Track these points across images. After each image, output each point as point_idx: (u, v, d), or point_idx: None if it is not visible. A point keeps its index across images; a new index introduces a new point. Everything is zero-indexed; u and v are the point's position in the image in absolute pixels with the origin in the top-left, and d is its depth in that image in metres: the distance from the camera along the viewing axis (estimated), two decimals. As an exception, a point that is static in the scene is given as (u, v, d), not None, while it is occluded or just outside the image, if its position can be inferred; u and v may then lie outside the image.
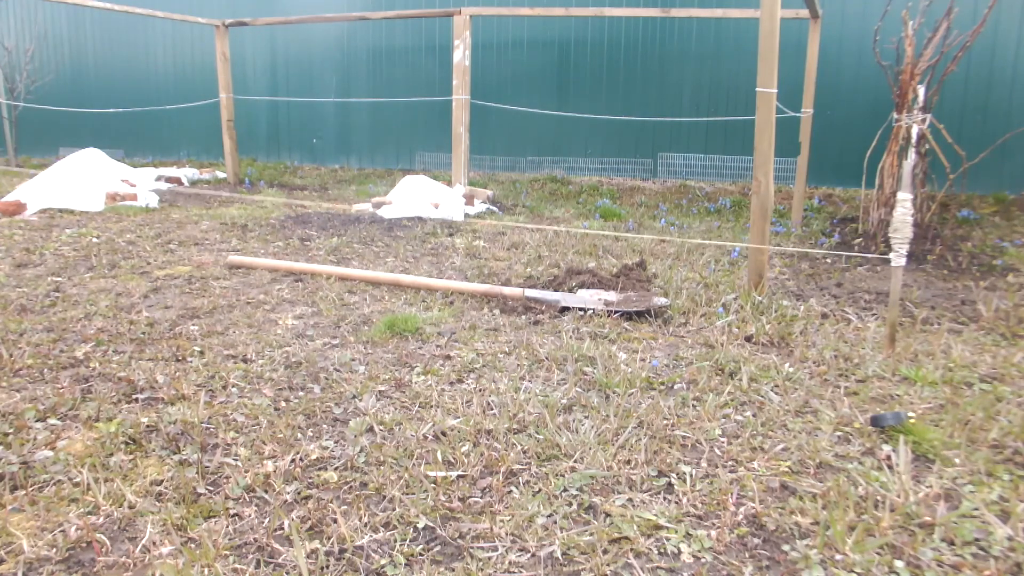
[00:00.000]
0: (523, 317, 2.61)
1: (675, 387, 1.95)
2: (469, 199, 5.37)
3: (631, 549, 1.22)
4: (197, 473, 1.45)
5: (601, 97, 7.07)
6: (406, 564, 1.19)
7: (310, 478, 1.45)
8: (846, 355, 2.20)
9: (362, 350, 2.24)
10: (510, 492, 1.40)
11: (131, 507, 1.33)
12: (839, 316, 2.65)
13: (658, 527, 1.29)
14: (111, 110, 8.93)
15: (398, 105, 7.98)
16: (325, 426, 1.70)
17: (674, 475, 1.47)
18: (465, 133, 5.47)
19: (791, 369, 2.06)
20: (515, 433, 1.65)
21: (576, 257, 3.65)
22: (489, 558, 1.20)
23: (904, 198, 2.11)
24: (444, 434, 1.64)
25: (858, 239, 4.14)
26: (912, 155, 2.20)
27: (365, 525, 1.29)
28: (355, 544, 1.23)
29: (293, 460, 1.51)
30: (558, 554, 1.21)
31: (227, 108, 6.93)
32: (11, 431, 1.62)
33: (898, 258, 2.15)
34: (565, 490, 1.41)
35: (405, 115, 8.04)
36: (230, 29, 6.87)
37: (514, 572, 1.17)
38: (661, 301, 2.66)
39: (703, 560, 1.20)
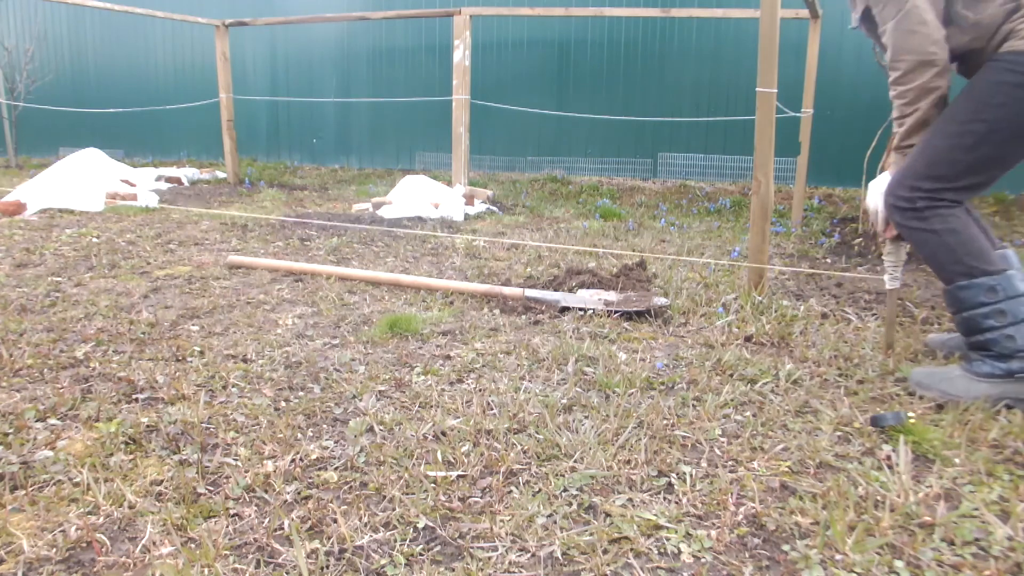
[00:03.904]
0: (523, 317, 2.61)
1: (675, 387, 1.95)
2: (469, 199, 5.38)
3: (631, 549, 1.22)
4: (197, 473, 1.46)
5: (601, 97, 7.07)
6: (406, 564, 1.19)
7: (310, 478, 1.45)
8: (846, 355, 2.20)
9: (362, 350, 2.24)
10: (510, 492, 1.40)
11: (131, 507, 1.33)
12: (839, 316, 2.65)
13: (658, 527, 1.29)
14: (111, 110, 8.93)
15: (398, 105, 7.98)
16: (325, 426, 1.70)
17: (674, 475, 1.47)
18: (465, 133, 5.47)
19: (791, 369, 2.06)
20: (515, 433, 1.65)
21: (576, 257, 3.65)
22: (489, 558, 1.20)
23: None
24: (444, 434, 1.64)
25: (858, 239, 4.14)
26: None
27: (365, 525, 1.29)
28: (355, 544, 1.23)
29: (293, 460, 1.51)
30: (558, 554, 1.21)
31: (227, 108, 6.93)
32: (11, 431, 1.62)
33: (892, 281, 2.13)
34: (565, 490, 1.41)
35: (405, 115, 8.04)
36: (230, 29, 6.87)
37: (514, 572, 1.17)
38: (661, 301, 2.66)
39: (703, 560, 1.20)
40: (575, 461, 1.51)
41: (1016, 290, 1.79)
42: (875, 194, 2.02)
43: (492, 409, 1.79)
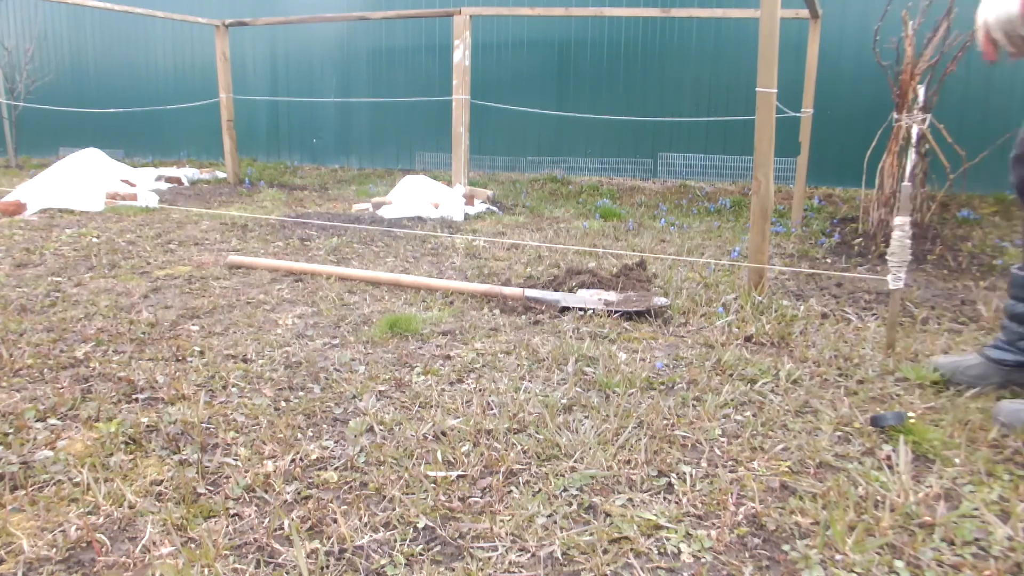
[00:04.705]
0: (523, 317, 2.61)
1: (675, 387, 1.95)
2: (469, 199, 5.37)
3: (631, 549, 1.22)
4: (197, 473, 1.45)
5: (601, 97, 7.07)
6: (406, 564, 1.19)
7: (310, 478, 1.45)
8: (846, 355, 2.20)
9: (362, 350, 2.24)
10: (510, 492, 1.40)
11: (131, 507, 1.33)
12: (839, 316, 2.65)
13: (658, 527, 1.29)
14: (111, 110, 8.93)
15: (398, 105, 7.98)
16: (325, 426, 1.70)
17: (674, 475, 1.47)
18: (465, 133, 5.47)
19: (791, 369, 2.06)
20: (515, 433, 1.65)
21: (576, 257, 3.65)
22: (489, 558, 1.20)
23: (902, 222, 2.09)
24: (444, 434, 1.64)
25: (858, 239, 4.15)
26: (912, 156, 2.19)
27: (365, 525, 1.29)
28: (355, 544, 1.23)
29: (293, 460, 1.51)
30: (558, 554, 1.21)
31: (227, 108, 6.93)
32: (11, 431, 1.62)
33: (896, 281, 2.13)
34: (565, 490, 1.41)
35: (405, 115, 8.04)
36: (230, 29, 6.87)
37: (514, 572, 1.17)
38: (661, 301, 2.66)
39: (703, 560, 1.20)
40: (575, 461, 1.51)
41: None
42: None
43: (492, 409, 1.79)
